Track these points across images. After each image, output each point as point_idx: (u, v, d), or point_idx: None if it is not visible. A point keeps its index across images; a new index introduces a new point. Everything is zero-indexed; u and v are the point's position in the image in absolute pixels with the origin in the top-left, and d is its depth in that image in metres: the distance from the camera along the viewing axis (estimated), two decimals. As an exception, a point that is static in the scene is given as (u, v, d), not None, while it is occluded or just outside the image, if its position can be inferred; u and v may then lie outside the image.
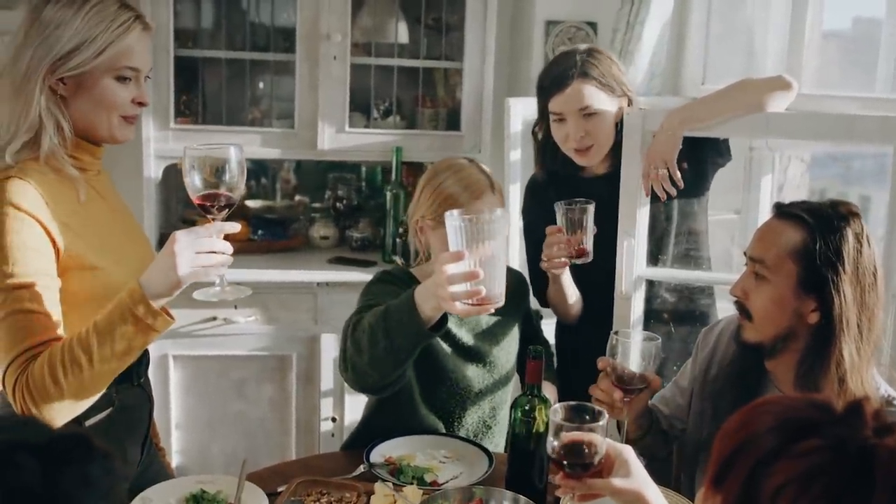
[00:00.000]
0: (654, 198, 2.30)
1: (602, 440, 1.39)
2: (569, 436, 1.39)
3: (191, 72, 3.24)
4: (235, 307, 3.12)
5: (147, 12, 2.68)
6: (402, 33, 3.38)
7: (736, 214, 3.28)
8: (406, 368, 2.05)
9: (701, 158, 2.35)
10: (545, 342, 2.45)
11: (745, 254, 1.84)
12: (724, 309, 2.60)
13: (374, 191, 3.65)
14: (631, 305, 2.36)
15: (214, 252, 1.61)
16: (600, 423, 1.39)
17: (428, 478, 1.99)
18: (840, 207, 1.75)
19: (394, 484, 1.91)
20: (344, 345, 1.97)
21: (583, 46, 2.46)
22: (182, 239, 1.58)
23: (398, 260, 3.24)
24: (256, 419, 3.23)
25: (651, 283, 2.44)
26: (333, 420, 3.22)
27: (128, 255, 1.82)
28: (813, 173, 3.33)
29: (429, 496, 1.81)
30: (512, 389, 2.34)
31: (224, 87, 3.28)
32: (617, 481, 1.37)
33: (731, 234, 3.33)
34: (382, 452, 2.11)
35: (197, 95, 3.30)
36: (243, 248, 3.34)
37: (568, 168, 2.48)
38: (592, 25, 3.40)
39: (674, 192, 2.24)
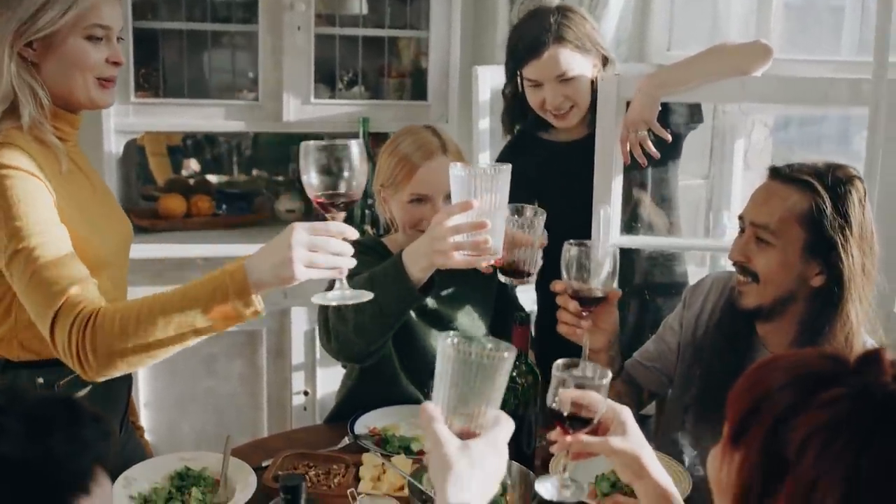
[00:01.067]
0: (630, 166, 2.30)
1: (602, 399, 1.38)
2: (569, 392, 1.38)
3: (150, 44, 3.16)
4: (203, 283, 3.06)
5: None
6: (364, 3, 3.33)
7: (703, 180, 3.30)
8: (389, 336, 2.04)
9: (674, 122, 2.34)
10: (522, 309, 2.45)
11: (740, 217, 1.82)
12: (694, 273, 2.63)
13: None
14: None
15: (332, 253, 1.49)
16: (603, 381, 1.38)
17: (414, 447, 1.98)
18: (841, 171, 1.74)
19: (381, 454, 1.90)
20: (324, 315, 1.95)
21: (555, 1, 2.41)
22: (301, 233, 1.46)
23: (368, 229, 3.21)
24: (227, 395, 3.19)
25: (623, 252, 2.44)
26: (305, 394, 3.19)
27: (111, 229, 1.77)
28: (776, 137, 3.36)
29: (421, 464, 1.80)
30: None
31: (185, 60, 3.20)
32: (614, 440, 1.36)
33: (699, 200, 3.35)
34: (366, 424, 2.09)
35: (157, 68, 3.22)
36: (207, 224, 3.33)
37: (539, 129, 2.45)
38: (557, -7, 3.38)
39: (656, 154, 2.24)
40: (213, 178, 3.60)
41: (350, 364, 2.25)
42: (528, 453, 1.87)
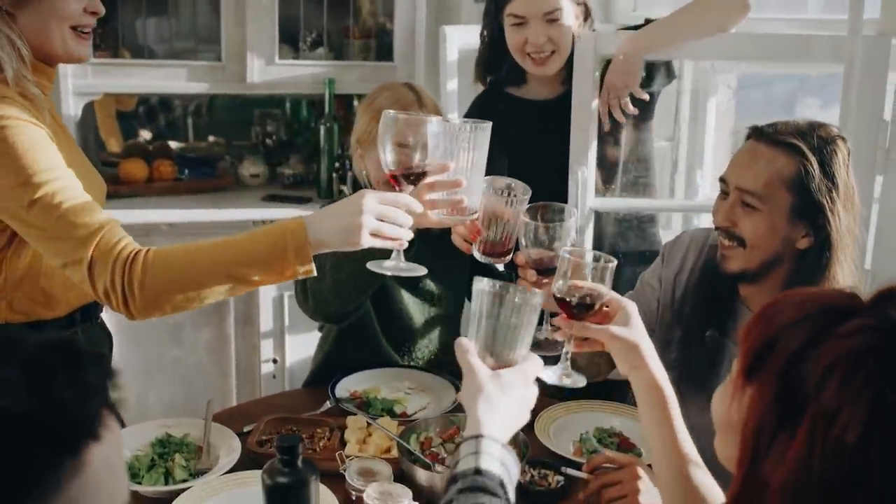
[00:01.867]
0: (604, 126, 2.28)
1: (607, 290, 1.38)
2: (574, 280, 1.37)
3: (107, 2, 3.04)
4: (168, 249, 3.00)
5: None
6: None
7: (668, 142, 3.30)
8: (367, 296, 2.01)
9: (650, 81, 2.31)
10: (498, 273, 2.44)
11: (721, 180, 1.80)
12: (665, 237, 2.63)
13: (301, 126, 3.55)
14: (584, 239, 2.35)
15: (397, 224, 1.49)
16: (608, 266, 1.38)
17: (397, 409, 1.97)
18: (824, 130, 1.72)
19: (367, 417, 1.88)
20: None
21: None
22: (372, 201, 1.46)
23: (345, 189, 3.16)
24: (194, 365, 3.13)
25: (598, 215, 2.43)
26: (275, 361, 3.15)
27: (92, 184, 1.71)
28: (739, 97, 3.37)
29: (408, 426, 1.79)
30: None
31: (144, 19, 3.11)
32: (615, 328, 1.37)
33: (664, 162, 3.35)
34: (346, 387, 2.08)
35: (115, 28, 3.12)
36: (170, 189, 3.26)
37: (511, 83, 2.40)
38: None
39: (635, 112, 2.22)
40: (173, 144, 3.51)
41: (328, 326, 2.22)
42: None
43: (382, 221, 1.47)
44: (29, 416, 0.77)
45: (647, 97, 2.22)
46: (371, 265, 1.52)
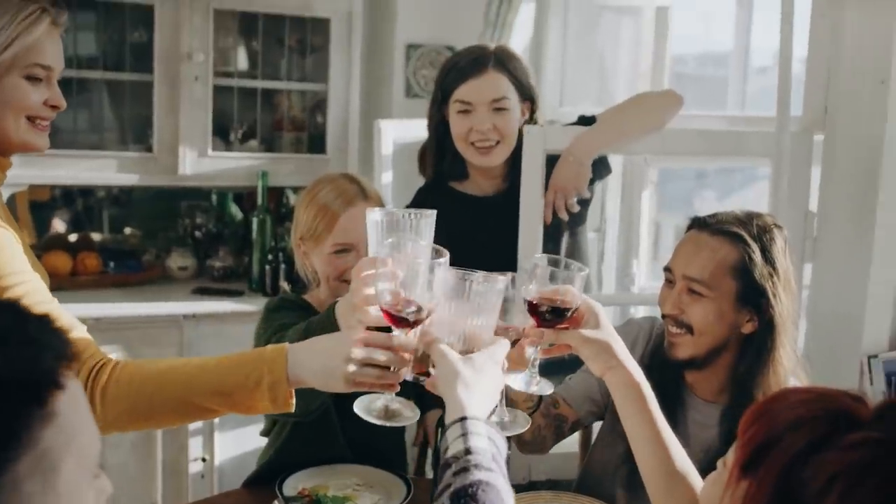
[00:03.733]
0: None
1: (577, 293, 1.38)
2: (548, 287, 1.37)
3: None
4: (94, 344, 2.89)
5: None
6: (259, 58, 3.29)
7: (595, 233, 3.37)
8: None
9: (592, 179, 2.30)
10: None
11: (667, 269, 1.84)
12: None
13: (230, 218, 3.51)
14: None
15: (385, 368, 1.35)
16: (580, 274, 1.37)
17: (348, 507, 1.91)
18: (761, 220, 1.79)
19: (318, 515, 1.82)
20: None
21: (492, 45, 2.35)
22: (359, 348, 1.34)
23: (285, 286, 3.12)
24: (117, 465, 2.99)
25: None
26: (203, 460, 3.04)
27: (41, 278, 1.64)
28: (661, 189, 3.49)
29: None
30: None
31: (75, 109, 3.06)
32: (586, 331, 1.39)
33: (591, 253, 3.40)
34: (293, 485, 2.00)
35: (42, 118, 3.05)
36: (95, 283, 3.16)
37: (453, 178, 2.38)
38: (452, 50, 3.43)
39: (576, 209, 2.24)
40: (95, 236, 3.42)
41: (281, 422, 2.15)
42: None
43: (369, 367, 1.34)
44: None
45: (589, 195, 2.26)
46: (357, 408, 1.36)
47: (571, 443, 2.32)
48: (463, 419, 1.15)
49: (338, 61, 3.22)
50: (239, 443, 3.03)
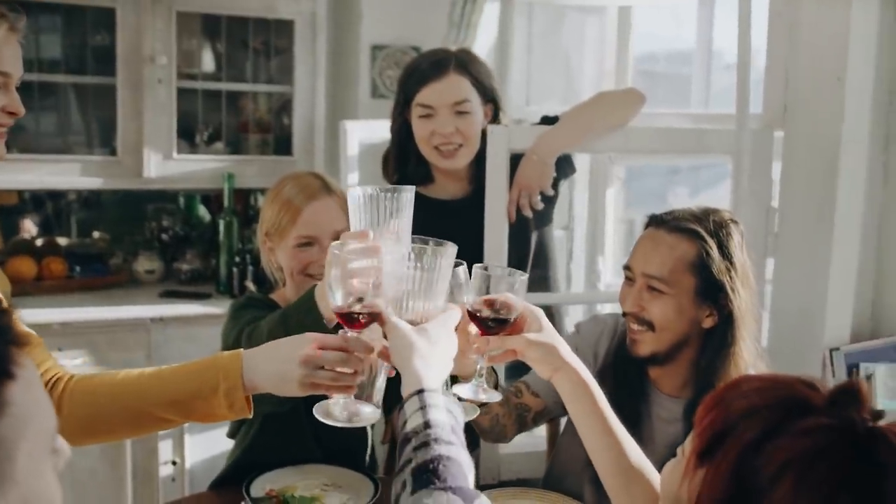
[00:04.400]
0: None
1: (518, 300, 1.38)
2: (488, 295, 1.37)
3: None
4: (60, 349, 2.87)
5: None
6: (223, 60, 3.28)
7: (563, 230, 3.40)
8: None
9: (556, 177, 2.31)
10: None
11: (626, 267, 1.86)
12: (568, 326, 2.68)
13: (197, 220, 3.50)
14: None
15: (340, 372, 1.34)
16: (520, 279, 1.38)
17: (316, 508, 1.92)
18: (717, 215, 1.82)
19: (286, 517, 1.82)
20: None
21: (454, 47, 2.36)
22: (313, 351, 1.33)
23: (250, 286, 3.11)
24: (85, 469, 2.97)
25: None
26: (174, 463, 3.03)
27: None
28: (633, 186, 3.52)
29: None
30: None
31: (37, 113, 3.03)
32: (530, 335, 1.40)
33: (560, 251, 3.42)
34: (261, 486, 2.00)
35: (3, 122, 3.03)
36: (61, 288, 3.14)
37: (416, 182, 2.37)
38: (417, 50, 3.44)
39: (540, 206, 2.25)
40: (61, 240, 3.40)
41: (248, 421, 2.14)
42: None
43: (323, 370, 1.33)
44: None
45: (554, 193, 2.27)
46: (318, 413, 1.35)
47: (541, 442, 2.35)
48: (420, 392, 1.14)
49: (302, 63, 3.21)
50: (210, 445, 3.02)
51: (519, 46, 3.42)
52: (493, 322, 1.38)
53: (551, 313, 2.50)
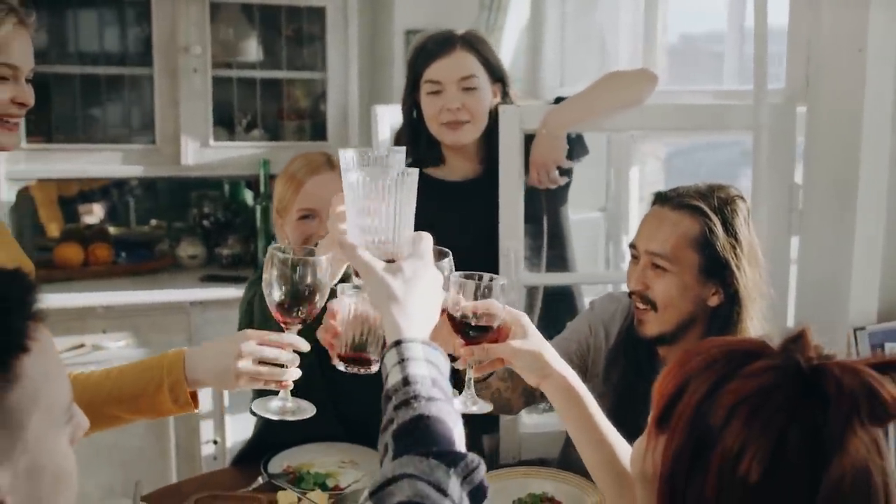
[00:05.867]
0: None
1: (500, 306, 1.35)
2: (469, 303, 1.34)
3: (41, 89, 3.07)
4: (104, 331, 2.98)
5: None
6: (260, 47, 3.34)
7: (600, 212, 3.37)
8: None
9: (569, 155, 2.31)
10: None
11: (631, 245, 1.85)
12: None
13: (240, 206, 3.58)
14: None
15: (278, 364, 1.42)
16: (500, 285, 1.35)
17: (330, 483, 1.96)
18: (723, 191, 1.80)
19: (296, 491, 1.87)
20: None
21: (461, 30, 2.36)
22: (250, 344, 1.41)
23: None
24: (134, 448, 3.08)
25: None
26: (215, 443, 3.12)
27: None
28: (667, 168, 3.48)
29: (337, 498, 1.79)
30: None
31: (78, 104, 3.14)
32: (515, 342, 1.36)
33: (597, 232, 3.40)
34: (279, 462, 2.06)
35: (47, 113, 3.14)
36: (107, 273, 3.25)
37: (427, 163, 2.34)
38: (452, 33, 3.45)
39: (562, 181, 2.25)
40: (112, 229, 3.52)
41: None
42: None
43: (263, 363, 1.41)
44: None
45: (572, 165, 2.27)
46: (255, 406, 1.41)
47: (561, 422, 2.33)
48: (398, 343, 1.07)
49: (335, 49, 3.26)
50: (250, 424, 3.09)
51: (552, 27, 3.40)
52: (475, 330, 1.34)
53: (571, 294, 2.53)
